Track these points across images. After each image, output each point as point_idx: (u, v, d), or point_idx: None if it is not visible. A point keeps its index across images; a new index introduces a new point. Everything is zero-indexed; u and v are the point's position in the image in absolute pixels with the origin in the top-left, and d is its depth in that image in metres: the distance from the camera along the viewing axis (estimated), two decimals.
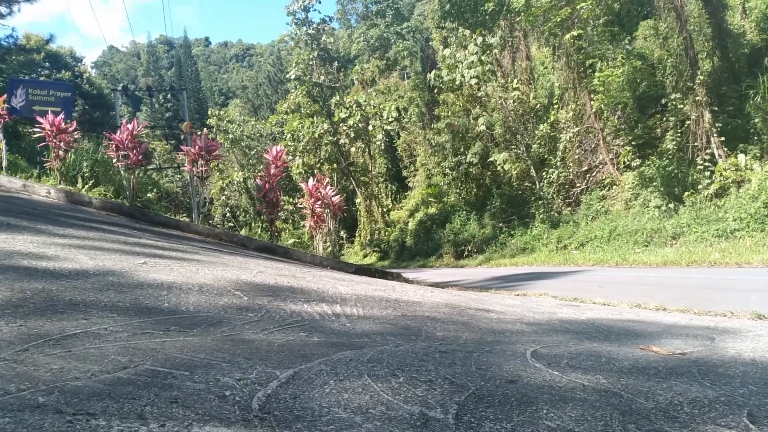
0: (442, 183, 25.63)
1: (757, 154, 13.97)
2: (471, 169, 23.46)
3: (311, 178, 8.81)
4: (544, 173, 19.82)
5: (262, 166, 14.33)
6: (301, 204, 9.22)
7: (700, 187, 14.29)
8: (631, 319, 3.51)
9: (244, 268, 4.16)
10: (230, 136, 35.17)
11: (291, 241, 13.99)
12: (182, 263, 3.87)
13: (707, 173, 14.34)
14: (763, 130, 13.90)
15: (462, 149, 23.29)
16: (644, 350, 2.41)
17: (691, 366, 2.10)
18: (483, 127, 21.66)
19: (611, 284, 7.94)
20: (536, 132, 20.25)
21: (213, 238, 7.11)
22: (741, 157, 13.94)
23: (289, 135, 28.85)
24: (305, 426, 1.30)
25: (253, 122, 39.38)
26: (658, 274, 9.39)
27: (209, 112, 37.88)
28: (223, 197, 34.39)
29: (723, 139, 14.46)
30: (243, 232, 10.27)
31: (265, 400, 1.45)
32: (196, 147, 7.87)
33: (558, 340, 2.68)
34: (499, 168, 21.17)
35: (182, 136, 16.90)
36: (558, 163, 19.27)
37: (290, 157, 26.65)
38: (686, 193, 14.39)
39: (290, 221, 26.19)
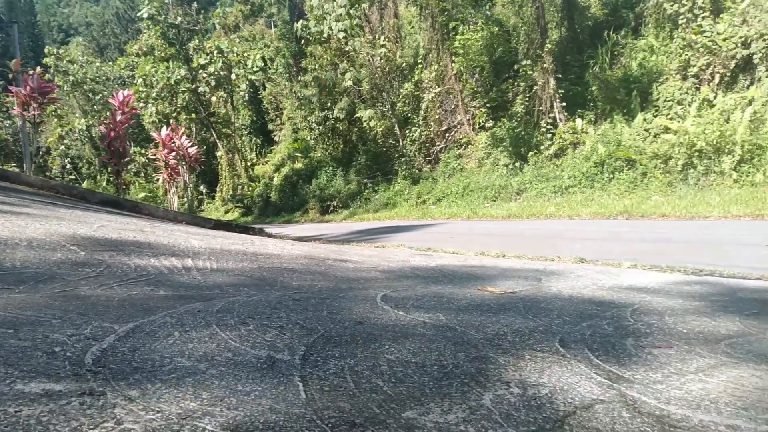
0: (309, 138, 25.28)
1: (592, 119, 15.64)
2: (338, 125, 23.39)
3: (165, 127, 8.20)
4: (407, 131, 20.43)
5: (108, 113, 12.96)
6: (153, 155, 8.58)
7: (542, 147, 15.71)
8: (474, 265, 3.84)
9: (83, 222, 3.80)
10: (71, 78, 31.06)
11: (142, 195, 13.02)
12: (8, 216, 3.43)
13: (549, 135, 15.79)
14: (599, 97, 15.52)
15: (329, 104, 23.06)
16: (481, 290, 2.67)
17: (518, 302, 2.36)
18: (350, 83, 21.59)
19: (462, 235, 8.56)
20: (401, 90, 20.68)
21: (48, 190, 6.37)
22: (578, 121, 15.52)
23: (140, 80, 26.23)
24: (144, 377, 1.26)
25: (98, 64, 35.11)
26: (503, 226, 10.29)
27: (46, 51, 32.88)
28: (63, 146, 30.65)
29: (564, 104, 15.85)
30: (85, 185, 9.34)
31: (99, 355, 1.38)
32: (28, 88, 6.94)
33: (407, 284, 2.85)
34: (365, 125, 21.40)
35: (11, 76, 14.59)
36: (420, 122, 19.95)
37: (142, 105, 24.37)
38: (530, 153, 15.77)
39: (142, 174, 24.25)
